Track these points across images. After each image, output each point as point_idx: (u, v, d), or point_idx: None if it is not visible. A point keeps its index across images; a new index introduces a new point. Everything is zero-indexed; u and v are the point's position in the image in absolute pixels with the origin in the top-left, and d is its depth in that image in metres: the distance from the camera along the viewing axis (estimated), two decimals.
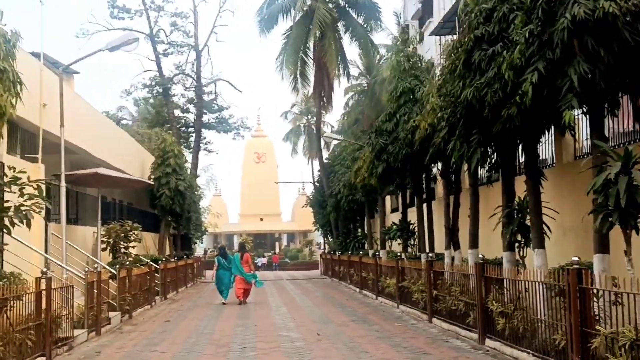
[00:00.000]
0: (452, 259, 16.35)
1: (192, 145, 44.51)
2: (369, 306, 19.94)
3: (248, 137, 77.98)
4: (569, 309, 8.34)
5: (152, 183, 27.79)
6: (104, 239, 20.93)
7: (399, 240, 23.50)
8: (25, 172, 9.92)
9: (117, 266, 18.15)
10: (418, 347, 11.77)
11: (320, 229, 47.04)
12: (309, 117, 64.18)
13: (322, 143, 44.21)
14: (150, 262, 23.08)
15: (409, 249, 22.78)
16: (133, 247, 21.89)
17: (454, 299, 13.48)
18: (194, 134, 45.05)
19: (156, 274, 23.36)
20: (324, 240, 51.28)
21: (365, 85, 39.27)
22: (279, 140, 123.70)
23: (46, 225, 17.07)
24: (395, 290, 18.89)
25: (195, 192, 38.17)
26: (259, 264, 62.05)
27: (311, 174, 57.27)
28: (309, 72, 38.48)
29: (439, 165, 18.38)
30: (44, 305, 10.80)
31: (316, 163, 51.02)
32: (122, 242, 21.26)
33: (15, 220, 10.20)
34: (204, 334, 14.40)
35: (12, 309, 9.93)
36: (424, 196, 19.53)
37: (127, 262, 19.63)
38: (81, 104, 21.43)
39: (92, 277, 14.29)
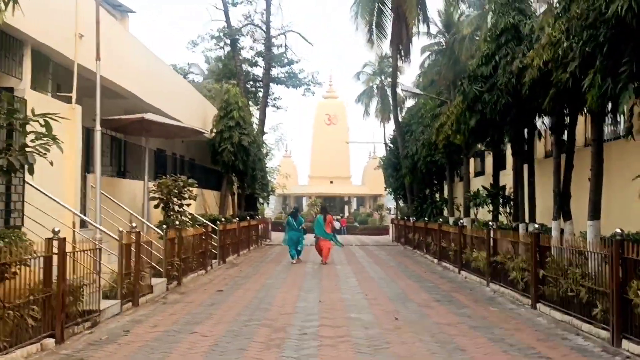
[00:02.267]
0: (561, 231, 13.38)
1: (259, 101, 42.21)
2: (452, 282, 17.20)
3: (319, 99, 75.84)
4: None
5: (205, 131, 24.70)
6: (156, 195, 18.70)
7: (487, 208, 20.48)
8: (25, 100, 7.54)
9: (164, 226, 15.97)
10: (529, 345, 9.02)
11: (392, 193, 44.20)
12: (383, 77, 61.64)
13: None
14: (207, 222, 20.91)
15: (501, 218, 19.77)
16: (188, 205, 19.55)
17: (571, 282, 10.62)
18: (262, 89, 42.67)
19: (214, 235, 21.26)
20: (396, 205, 48.45)
21: (444, 44, 35.97)
22: (350, 102, 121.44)
23: (84, 178, 14.89)
24: (484, 266, 16.08)
25: (262, 149, 35.89)
26: (338, 227, 59.79)
27: (383, 136, 54.39)
28: (386, 23, 36.21)
29: (545, 119, 15.34)
30: (55, 273, 8.59)
31: (389, 125, 48.23)
32: (175, 199, 18.97)
33: (17, 164, 7.89)
34: (259, 309, 12.05)
35: (12, 278, 7.75)
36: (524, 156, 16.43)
37: (178, 222, 17.44)
38: (134, 44, 18.92)
39: (129, 238, 12.07)
